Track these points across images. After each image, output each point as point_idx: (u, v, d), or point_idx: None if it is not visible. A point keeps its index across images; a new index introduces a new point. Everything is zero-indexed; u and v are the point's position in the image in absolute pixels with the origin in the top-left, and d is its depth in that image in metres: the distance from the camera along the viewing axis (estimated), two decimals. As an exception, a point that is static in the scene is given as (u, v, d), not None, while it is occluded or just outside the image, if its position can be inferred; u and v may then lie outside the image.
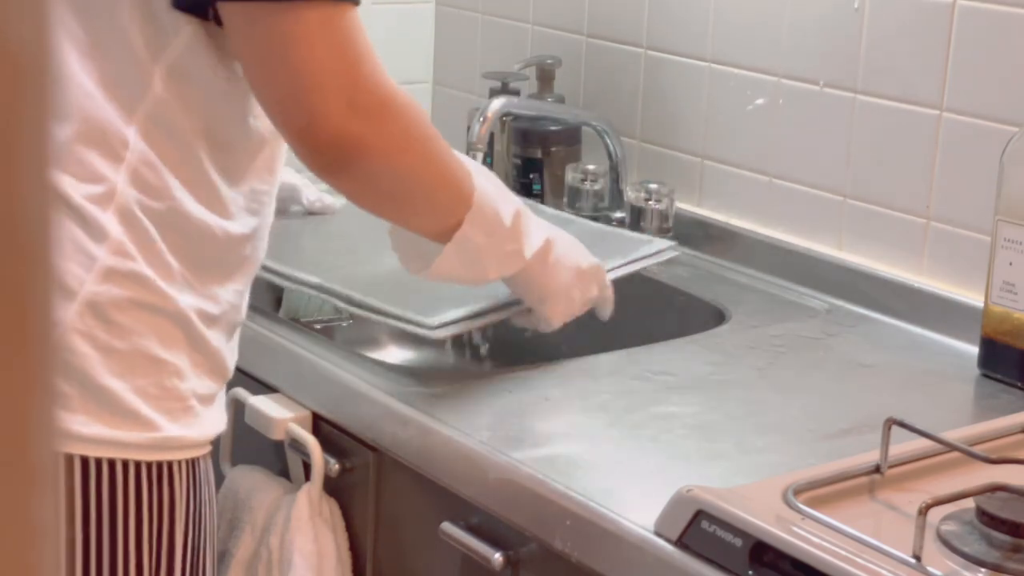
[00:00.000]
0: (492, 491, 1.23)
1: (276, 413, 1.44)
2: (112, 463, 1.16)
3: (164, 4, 1.17)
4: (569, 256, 1.42)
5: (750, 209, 1.81)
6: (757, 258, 1.77)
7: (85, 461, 1.15)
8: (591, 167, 1.91)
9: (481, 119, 1.74)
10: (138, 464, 1.17)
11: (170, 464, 1.20)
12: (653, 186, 1.83)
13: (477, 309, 1.47)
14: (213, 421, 1.24)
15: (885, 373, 1.47)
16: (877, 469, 1.14)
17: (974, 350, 1.48)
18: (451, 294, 1.46)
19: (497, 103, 1.76)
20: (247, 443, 1.50)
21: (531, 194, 1.93)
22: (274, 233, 1.31)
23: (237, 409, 1.47)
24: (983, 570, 1.01)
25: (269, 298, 1.73)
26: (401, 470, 1.35)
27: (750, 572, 1.03)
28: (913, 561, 1.00)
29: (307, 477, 1.42)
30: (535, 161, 1.94)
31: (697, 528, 1.07)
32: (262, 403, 1.46)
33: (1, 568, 0.34)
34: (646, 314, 1.77)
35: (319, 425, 1.44)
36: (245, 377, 1.47)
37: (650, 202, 1.82)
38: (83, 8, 1.17)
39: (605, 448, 1.26)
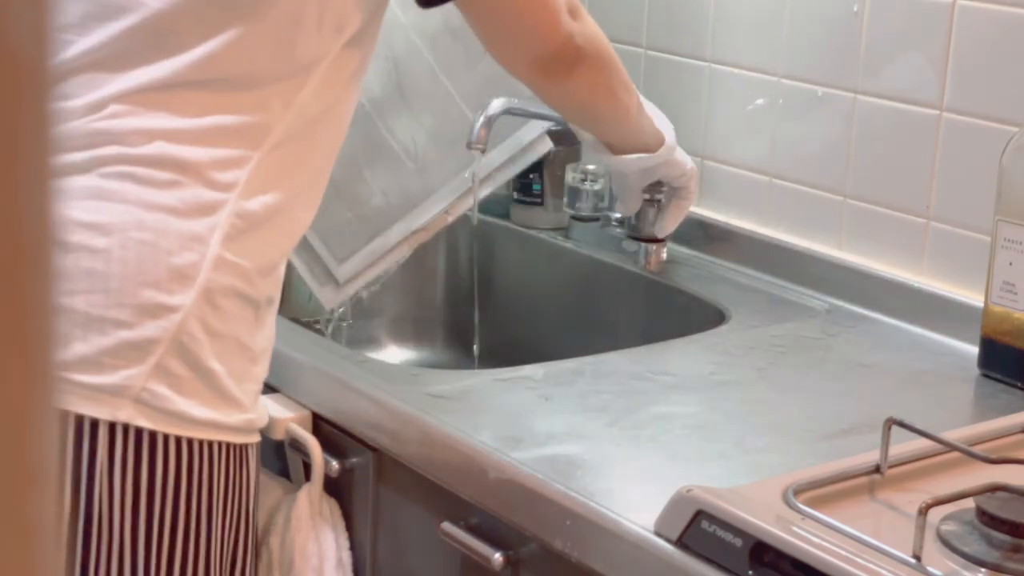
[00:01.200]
0: (492, 491, 1.23)
1: (276, 413, 1.44)
2: (210, 444, 1.22)
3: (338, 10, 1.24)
4: None
5: (750, 209, 1.81)
6: (757, 258, 1.77)
7: (190, 443, 1.20)
8: (591, 167, 1.90)
9: (481, 119, 1.73)
10: (228, 446, 1.23)
11: (247, 446, 1.26)
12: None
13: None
14: (265, 405, 1.32)
15: (885, 373, 1.47)
16: (877, 469, 1.14)
17: (974, 350, 1.48)
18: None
19: (497, 103, 1.76)
20: (247, 443, 1.50)
21: (531, 194, 1.93)
22: None
23: (237, 409, 1.47)
24: (983, 570, 1.01)
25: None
26: (401, 470, 1.35)
27: (750, 572, 1.03)
28: (913, 561, 1.00)
29: (307, 477, 1.42)
30: (535, 161, 1.94)
31: (697, 528, 1.07)
32: (262, 403, 1.46)
33: (1, 568, 0.34)
34: (646, 314, 1.77)
35: (319, 425, 1.44)
36: (245, 377, 1.47)
37: (650, 202, 1.81)
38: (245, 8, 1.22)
39: (605, 448, 1.26)
